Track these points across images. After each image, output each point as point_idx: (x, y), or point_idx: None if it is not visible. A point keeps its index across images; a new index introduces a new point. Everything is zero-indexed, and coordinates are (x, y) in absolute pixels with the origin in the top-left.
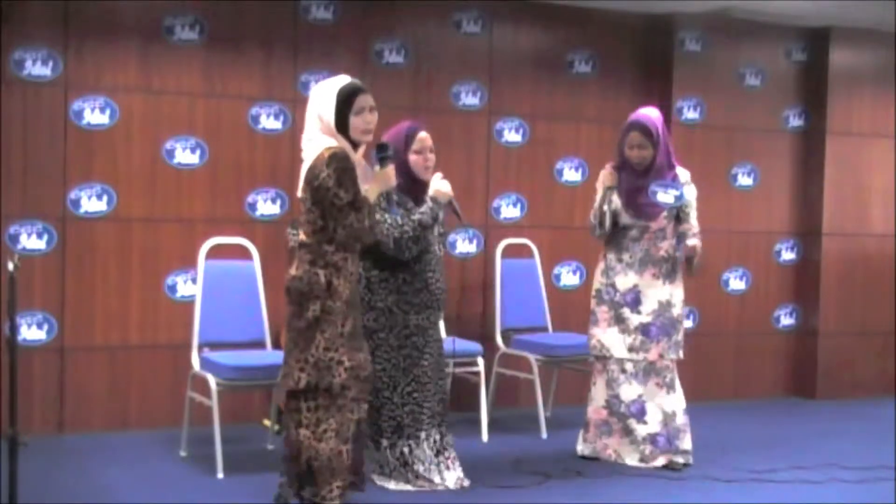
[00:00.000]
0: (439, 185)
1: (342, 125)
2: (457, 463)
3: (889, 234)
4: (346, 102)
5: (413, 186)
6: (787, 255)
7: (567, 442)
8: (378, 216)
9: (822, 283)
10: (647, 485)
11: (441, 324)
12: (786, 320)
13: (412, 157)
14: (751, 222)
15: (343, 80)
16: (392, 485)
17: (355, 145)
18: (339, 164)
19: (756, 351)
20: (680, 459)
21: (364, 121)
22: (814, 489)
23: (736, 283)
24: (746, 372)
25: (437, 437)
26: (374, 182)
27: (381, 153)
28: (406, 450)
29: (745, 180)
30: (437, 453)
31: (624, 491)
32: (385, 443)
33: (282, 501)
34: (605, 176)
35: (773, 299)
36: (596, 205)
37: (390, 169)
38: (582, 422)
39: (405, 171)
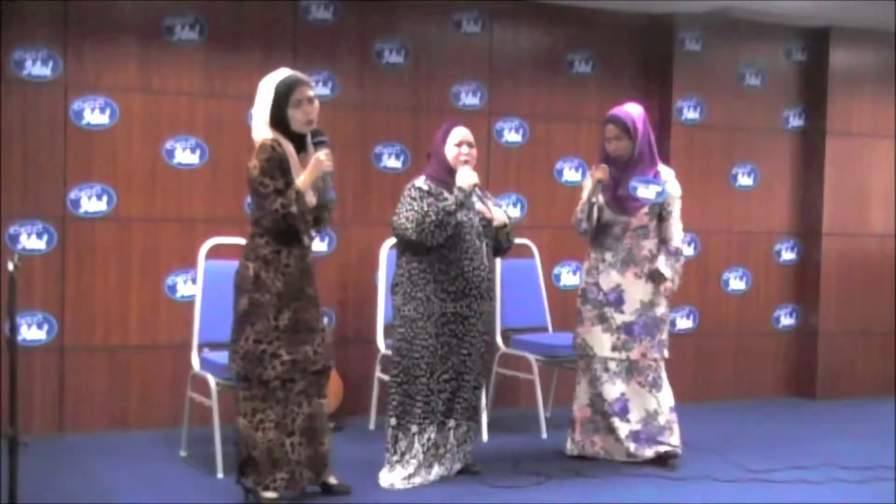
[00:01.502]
0: (464, 174)
1: (282, 118)
2: (469, 457)
3: (889, 234)
4: (284, 96)
5: (451, 179)
6: (787, 255)
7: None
8: (408, 206)
9: (822, 283)
10: (647, 485)
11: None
12: (786, 320)
13: (450, 151)
14: (751, 222)
15: (282, 73)
16: (404, 476)
17: (298, 136)
18: (263, 153)
19: (756, 351)
20: (668, 449)
21: (303, 112)
22: (814, 489)
23: (736, 283)
24: (746, 372)
25: (465, 429)
26: (308, 167)
27: (314, 138)
28: (433, 435)
29: (745, 180)
30: (459, 444)
31: (623, 491)
32: (415, 429)
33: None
34: (598, 170)
35: (773, 299)
36: (584, 197)
37: (322, 153)
38: None
39: (444, 165)
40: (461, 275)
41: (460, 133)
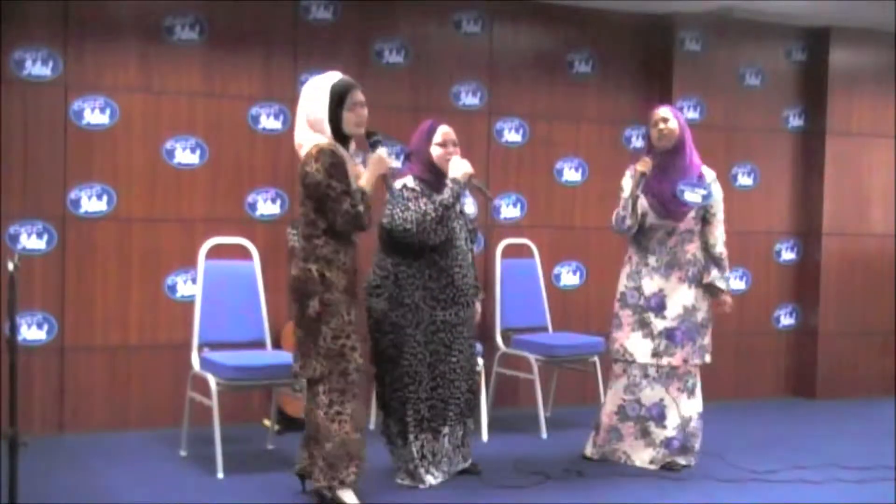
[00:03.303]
0: (457, 165)
1: (335, 120)
2: (469, 459)
3: (889, 234)
4: (338, 99)
5: (437, 180)
6: (787, 255)
7: (567, 442)
8: (403, 206)
9: (822, 283)
10: (647, 485)
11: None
12: (786, 320)
13: (434, 150)
14: (751, 222)
15: (334, 76)
16: (427, 479)
17: (348, 139)
18: (326, 157)
19: (756, 351)
20: (682, 461)
21: (356, 115)
22: (814, 489)
23: (736, 283)
24: (746, 372)
25: (460, 433)
26: (369, 167)
27: (370, 138)
28: (424, 441)
29: (745, 180)
30: (455, 448)
31: (624, 491)
32: (411, 437)
33: (303, 473)
34: (641, 163)
35: (773, 299)
36: (625, 194)
37: (381, 151)
38: (583, 421)
39: (429, 165)
40: (451, 283)
41: (443, 132)
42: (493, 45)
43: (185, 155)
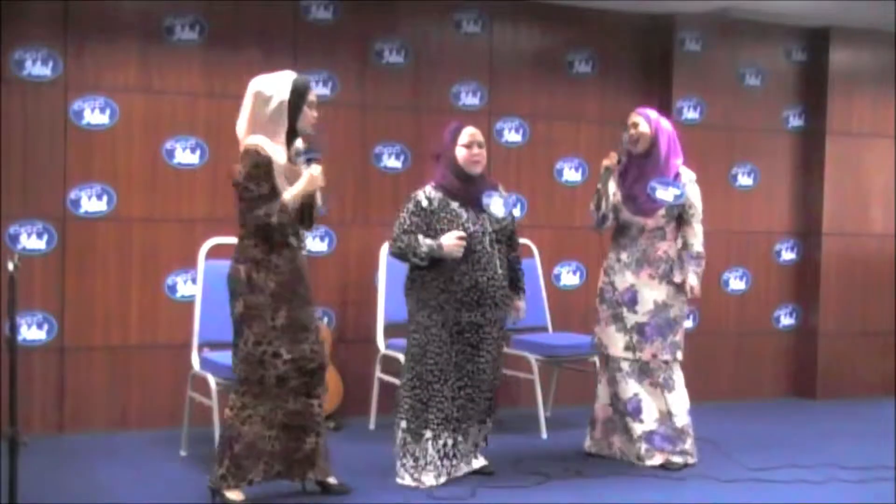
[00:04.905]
0: (451, 246)
1: (294, 116)
2: (481, 456)
3: (889, 234)
4: (301, 96)
5: (461, 183)
6: (787, 255)
7: (567, 442)
8: (402, 219)
9: (822, 283)
10: (647, 485)
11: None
12: (786, 320)
13: (459, 151)
14: (751, 222)
15: (291, 74)
16: (425, 479)
17: (294, 137)
18: (250, 158)
19: (756, 351)
20: (678, 459)
21: (314, 114)
22: (814, 489)
23: (736, 283)
24: (746, 372)
25: (478, 430)
26: (301, 181)
27: (307, 154)
28: (450, 441)
29: (745, 180)
30: (475, 446)
31: (624, 491)
32: (428, 434)
33: (215, 487)
34: (606, 158)
35: (773, 299)
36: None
37: (315, 169)
38: (583, 421)
39: (454, 167)
40: (475, 286)
41: (469, 133)
42: (493, 45)
43: (185, 155)
